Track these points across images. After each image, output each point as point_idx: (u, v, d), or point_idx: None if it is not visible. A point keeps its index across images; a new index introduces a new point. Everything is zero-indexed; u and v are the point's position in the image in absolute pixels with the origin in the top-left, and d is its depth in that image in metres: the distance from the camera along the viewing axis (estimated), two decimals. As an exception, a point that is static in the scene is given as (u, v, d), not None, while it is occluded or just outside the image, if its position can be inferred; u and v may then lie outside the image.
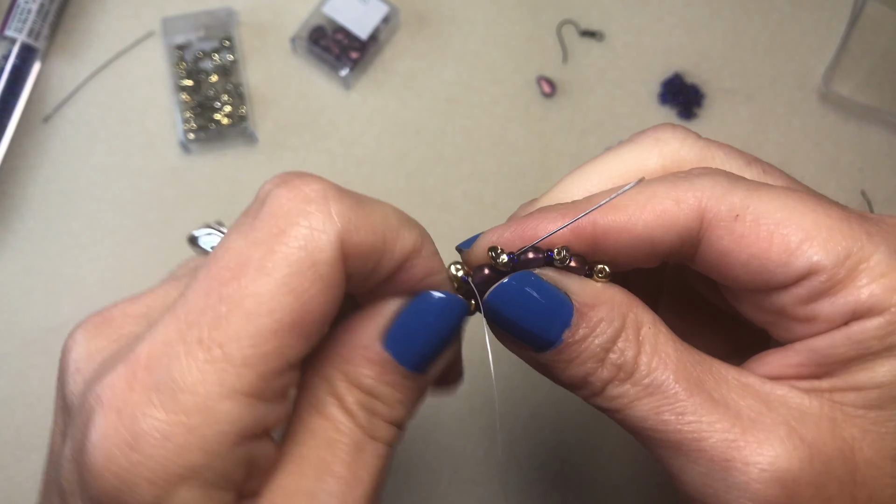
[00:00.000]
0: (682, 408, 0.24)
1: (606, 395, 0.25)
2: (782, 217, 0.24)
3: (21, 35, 0.49)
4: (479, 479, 0.47)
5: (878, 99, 0.54)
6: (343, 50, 0.52)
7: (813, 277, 0.24)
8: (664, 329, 0.25)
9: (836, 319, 0.24)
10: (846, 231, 0.24)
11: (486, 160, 0.52)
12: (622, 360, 0.25)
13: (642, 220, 0.25)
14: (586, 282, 0.26)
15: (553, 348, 0.25)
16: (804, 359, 0.25)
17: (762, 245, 0.24)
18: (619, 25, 0.55)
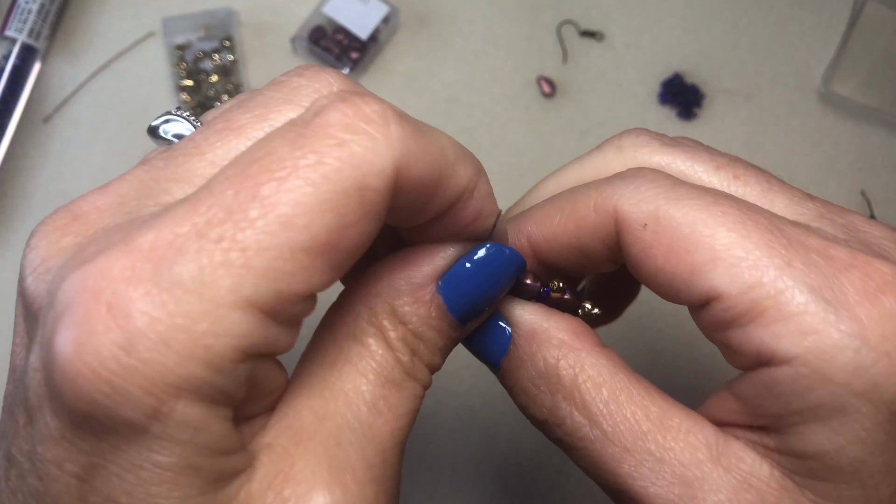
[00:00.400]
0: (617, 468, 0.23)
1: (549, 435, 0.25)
2: (691, 232, 0.22)
3: (21, 35, 0.49)
4: (479, 479, 0.47)
5: (877, 99, 0.54)
6: (343, 50, 0.52)
7: (715, 304, 0.22)
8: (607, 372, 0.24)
9: (748, 354, 0.22)
10: (760, 257, 0.21)
11: (486, 160, 0.52)
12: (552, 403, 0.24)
13: (565, 230, 0.25)
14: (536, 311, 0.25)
15: (498, 371, 0.26)
16: (739, 406, 0.23)
17: (667, 259, 0.22)
18: (618, 26, 0.55)
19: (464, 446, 0.48)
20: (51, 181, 0.50)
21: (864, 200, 0.53)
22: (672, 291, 0.23)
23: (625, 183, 0.24)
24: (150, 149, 0.54)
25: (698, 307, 0.23)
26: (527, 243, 0.26)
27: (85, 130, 0.51)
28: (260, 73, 0.52)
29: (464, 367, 0.49)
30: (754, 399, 0.22)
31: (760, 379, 0.22)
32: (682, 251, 0.22)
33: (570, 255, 0.25)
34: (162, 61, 0.52)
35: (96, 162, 0.50)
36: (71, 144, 0.51)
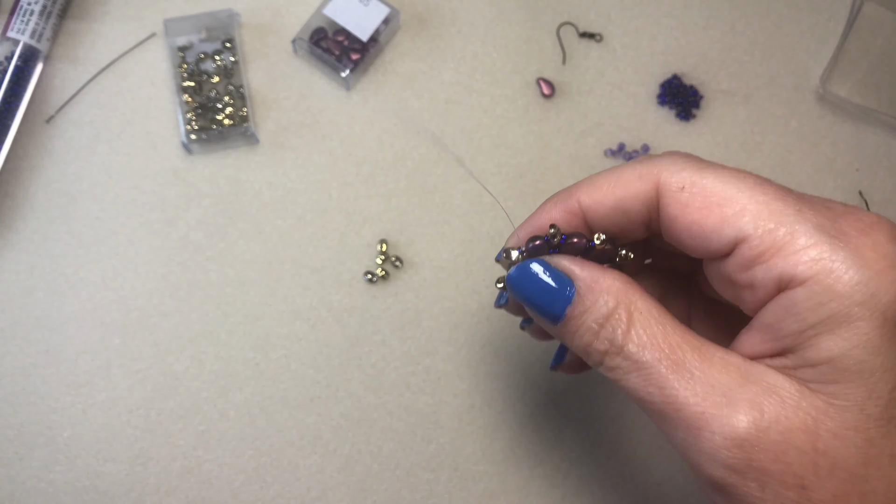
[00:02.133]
0: (664, 382, 0.27)
1: (606, 366, 0.29)
2: (721, 191, 0.28)
3: (24, 36, 0.50)
4: (478, 478, 0.48)
5: (875, 100, 0.54)
6: (344, 51, 0.52)
7: (742, 245, 0.27)
8: (657, 313, 0.29)
9: (769, 286, 0.27)
10: (777, 207, 0.27)
11: (486, 160, 0.52)
12: (612, 335, 0.28)
13: (613, 194, 0.31)
14: (589, 267, 0.30)
15: (560, 322, 0.30)
16: (764, 336, 0.28)
17: (701, 213, 0.28)
18: (617, 27, 0.55)
19: (463, 445, 0.48)
20: (52, 182, 0.50)
21: (861, 201, 0.53)
22: (703, 241, 0.28)
23: (663, 158, 0.30)
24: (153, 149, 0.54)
25: (725, 255, 0.28)
26: (578, 206, 0.31)
27: (87, 131, 0.51)
28: (261, 74, 0.53)
29: (463, 366, 0.49)
30: (776, 323, 0.27)
31: (780, 303, 0.27)
32: (714, 206, 0.28)
33: (615, 216, 0.31)
34: (163, 62, 0.52)
35: (98, 163, 0.51)
36: (73, 145, 0.51)
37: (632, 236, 0.32)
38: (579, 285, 0.30)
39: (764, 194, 0.27)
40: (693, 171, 0.29)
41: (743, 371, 0.27)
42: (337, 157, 0.52)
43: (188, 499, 0.47)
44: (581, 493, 0.48)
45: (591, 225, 0.32)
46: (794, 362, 0.27)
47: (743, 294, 0.29)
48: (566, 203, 0.32)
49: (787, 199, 0.27)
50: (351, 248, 0.50)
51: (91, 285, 0.49)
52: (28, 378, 0.47)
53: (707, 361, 0.27)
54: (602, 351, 0.29)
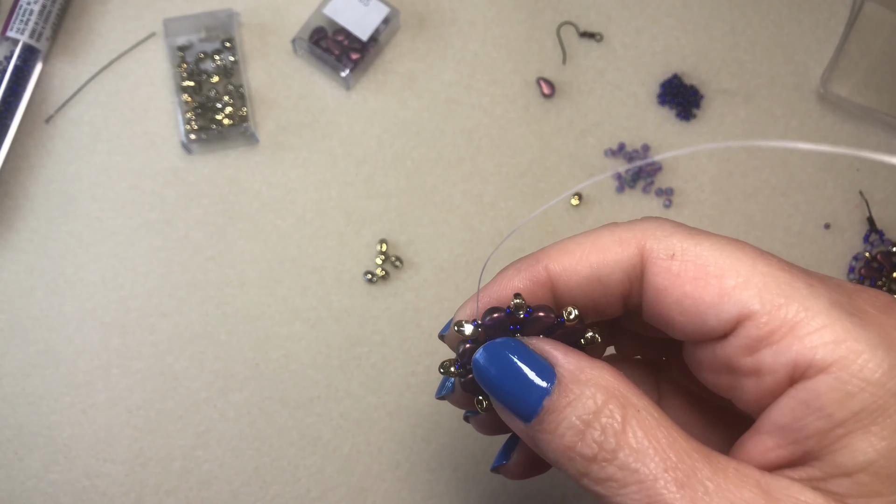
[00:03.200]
0: (674, 499, 0.22)
1: (592, 477, 0.24)
2: (717, 260, 0.24)
3: (23, 36, 0.49)
4: (479, 478, 0.48)
5: (875, 100, 0.54)
6: (344, 51, 0.52)
7: (747, 323, 0.23)
8: (656, 412, 0.24)
9: (780, 371, 0.23)
10: (784, 279, 0.23)
11: (486, 160, 0.52)
12: (603, 437, 0.23)
13: (588, 261, 0.26)
14: (573, 353, 0.25)
15: (535, 416, 0.25)
16: (778, 439, 0.23)
17: (696, 285, 0.24)
18: (618, 27, 0.55)
19: (464, 446, 0.48)
20: (52, 181, 0.50)
21: (862, 201, 0.53)
22: (697, 318, 0.24)
23: (646, 222, 0.26)
24: (152, 149, 0.54)
25: (723, 334, 0.24)
26: (545, 274, 0.27)
27: (86, 131, 0.51)
28: (261, 73, 0.53)
29: (464, 366, 0.49)
30: (793, 423, 0.22)
31: (798, 396, 0.22)
32: (711, 277, 0.24)
33: (589, 286, 0.26)
34: (163, 62, 0.52)
35: (98, 162, 0.51)
36: (72, 145, 0.51)
37: (606, 313, 0.28)
38: (562, 373, 0.24)
39: (768, 265, 0.23)
40: (683, 236, 0.25)
41: (763, 486, 0.22)
42: (337, 157, 0.52)
43: (188, 499, 0.47)
44: (581, 494, 0.48)
45: (559, 298, 0.27)
46: (823, 472, 0.22)
47: (744, 384, 0.24)
48: (531, 270, 0.27)
49: (794, 272, 0.23)
50: (351, 248, 0.50)
51: (91, 285, 0.49)
52: (28, 378, 0.47)
53: (721, 474, 0.22)
54: (589, 457, 0.23)
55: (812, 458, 0.22)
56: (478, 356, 0.26)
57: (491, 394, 0.26)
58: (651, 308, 0.26)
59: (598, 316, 0.28)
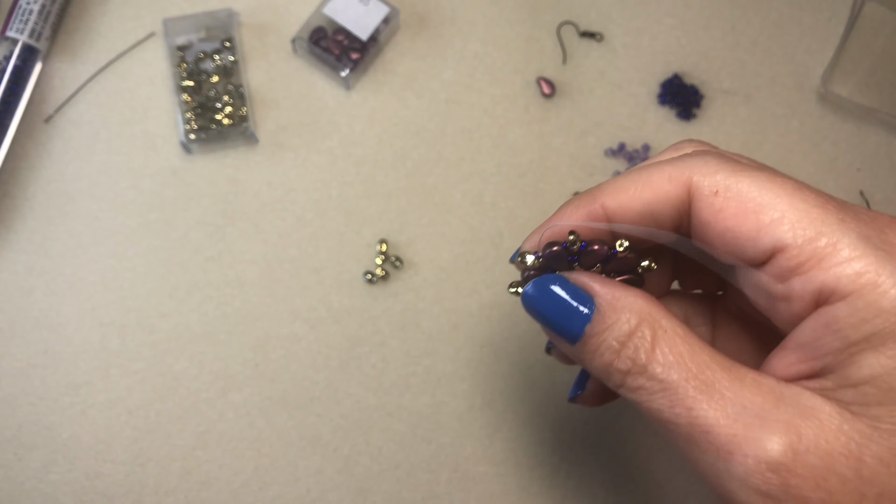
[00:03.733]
0: (693, 403, 0.26)
1: (628, 387, 0.28)
2: (757, 196, 0.26)
3: (22, 36, 0.49)
4: (478, 479, 0.48)
5: (876, 99, 0.54)
6: (343, 51, 0.52)
7: (780, 256, 0.26)
8: (682, 331, 0.27)
9: (806, 299, 0.25)
10: (817, 215, 0.25)
11: (486, 160, 0.52)
12: (635, 354, 0.27)
13: (641, 198, 0.29)
14: (610, 284, 0.29)
15: (579, 340, 0.29)
16: (799, 355, 0.26)
17: (736, 220, 0.26)
18: (618, 26, 0.55)
19: (463, 446, 0.48)
20: (51, 181, 0.50)
21: (862, 200, 0.53)
22: (738, 249, 0.27)
23: (695, 158, 0.28)
24: (152, 149, 0.54)
25: (760, 263, 0.27)
26: (601, 211, 0.30)
27: (86, 131, 0.51)
28: (260, 73, 0.52)
29: (463, 366, 0.49)
30: (813, 341, 0.26)
31: (820, 319, 0.25)
32: (750, 212, 0.26)
33: (643, 221, 0.30)
34: (163, 62, 0.52)
35: (97, 162, 0.50)
36: (72, 145, 0.51)
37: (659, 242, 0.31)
38: (599, 302, 0.28)
39: (804, 201, 0.26)
40: (727, 173, 0.27)
41: (777, 393, 0.25)
42: (337, 156, 0.52)
43: (187, 499, 0.47)
44: (581, 494, 0.48)
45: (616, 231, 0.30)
46: (834, 383, 0.25)
47: (778, 306, 0.27)
48: (589, 207, 0.30)
49: (829, 207, 0.26)
50: (351, 248, 0.50)
51: (90, 285, 0.49)
52: (27, 378, 0.47)
53: (738, 382, 0.26)
54: (624, 371, 0.27)
55: (827, 371, 0.25)
56: (527, 290, 0.30)
57: (541, 322, 0.30)
58: (698, 238, 0.29)
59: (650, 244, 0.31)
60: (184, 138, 0.51)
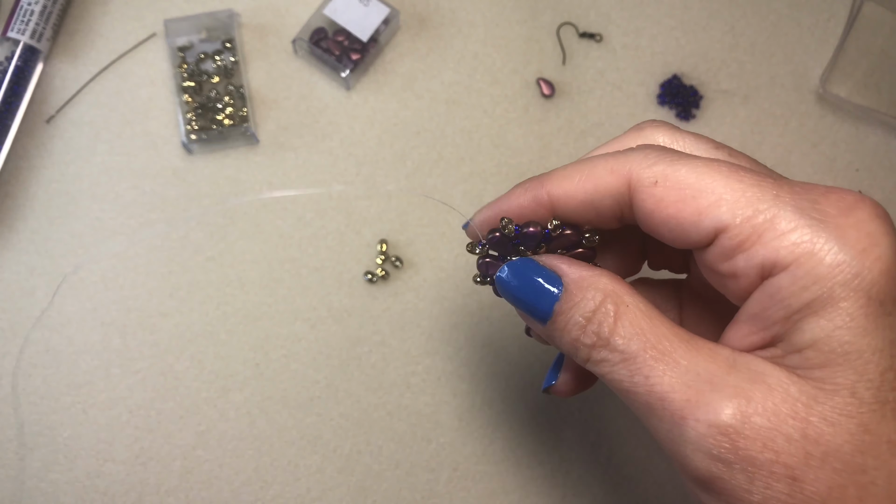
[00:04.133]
0: (650, 371, 0.27)
1: (593, 360, 0.29)
2: (695, 183, 0.27)
3: (24, 36, 0.50)
4: (478, 478, 0.48)
5: (875, 100, 0.54)
6: (344, 51, 0.52)
7: (722, 236, 0.27)
8: (643, 307, 0.29)
9: (751, 274, 0.27)
10: (753, 194, 0.26)
11: (486, 160, 0.52)
12: (599, 329, 0.28)
13: (583, 188, 0.30)
14: (577, 265, 0.30)
15: (549, 318, 0.30)
16: (750, 326, 0.27)
17: (676, 207, 0.28)
18: (617, 27, 0.55)
19: (463, 445, 0.48)
20: (53, 182, 0.50)
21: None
22: (681, 234, 0.28)
23: (635, 152, 0.30)
24: (153, 149, 0.54)
25: (705, 246, 0.28)
26: (547, 197, 0.31)
27: (87, 131, 0.51)
28: (261, 74, 0.53)
29: (463, 366, 0.49)
30: (761, 312, 0.27)
31: (765, 291, 0.26)
32: (690, 199, 0.27)
33: (585, 210, 0.31)
34: (164, 62, 0.52)
35: (98, 163, 0.51)
36: (73, 145, 0.51)
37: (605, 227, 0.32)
38: (566, 282, 0.30)
39: (739, 181, 0.27)
40: (666, 164, 0.28)
41: (731, 360, 0.27)
42: (337, 157, 0.52)
43: (188, 499, 0.47)
44: (581, 494, 0.48)
45: (560, 217, 0.32)
46: (782, 350, 0.26)
47: (728, 283, 0.28)
48: (535, 193, 0.32)
49: (764, 185, 0.27)
50: (351, 248, 0.50)
51: (91, 285, 0.49)
52: (28, 378, 0.47)
53: (694, 351, 0.27)
54: (589, 345, 0.29)
55: (777, 340, 0.27)
56: (501, 273, 0.32)
57: (514, 303, 0.32)
58: (643, 226, 0.30)
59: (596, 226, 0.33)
60: (184, 138, 0.51)
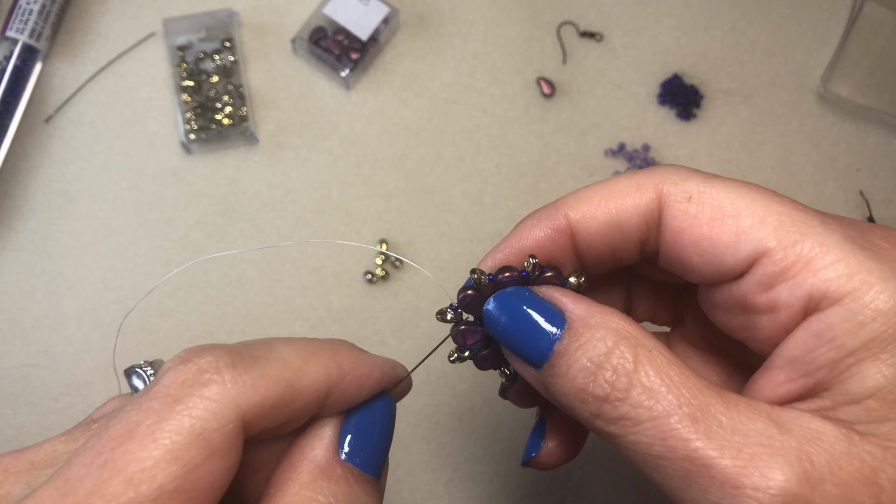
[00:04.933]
0: (688, 433, 0.22)
1: (605, 418, 0.24)
2: (733, 201, 0.24)
3: (23, 36, 0.49)
4: (478, 479, 0.48)
5: (875, 99, 0.54)
6: (343, 51, 0.52)
7: (763, 261, 0.24)
8: (667, 353, 0.24)
9: (795, 305, 0.23)
10: (799, 217, 0.24)
11: (486, 160, 0.52)
12: (614, 378, 0.23)
13: (606, 208, 0.27)
14: (582, 299, 0.26)
15: (546, 361, 0.25)
16: (789, 372, 0.24)
17: (712, 225, 0.24)
18: (618, 26, 0.55)
19: (464, 446, 0.48)
20: (51, 181, 0.50)
21: (862, 200, 0.53)
22: (715, 258, 0.24)
23: (665, 168, 0.26)
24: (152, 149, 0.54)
25: (739, 273, 0.24)
26: (565, 222, 0.27)
27: (86, 131, 0.51)
28: (261, 73, 0.52)
29: (463, 367, 0.49)
30: (804, 354, 0.23)
31: (810, 329, 0.23)
32: (728, 217, 0.24)
33: (608, 233, 0.27)
34: (163, 62, 0.52)
35: (97, 162, 0.50)
36: (72, 145, 0.51)
37: (624, 259, 0.28)
38: (570, 317, 0.25)
39: (781, 204, 0.24)
40: (700, 180, 0.25)
41: (774, 417, 0.22)
42: (336, 156, 0.52)
43: (188, 499, 0.47)
44: (581, 494, 0.48)
45: (579, 244, 0.28)
46: (832, 401, 0.23)
47: (759, 322, 0.24)
48: (551, 220, 0.27)
49: (808, 211, 0.24)
50: (351, 248, 0.50)
51: (90, 285, 0.49)
52: (27, 378, 0.47)
53: (732, 406, 0.23)
54: (601, 397, 0.23)
55: (822, 388, 0.23)
56: (489, 306, 0.27)
57: (502, 342, 0.27)
58: (669, 251, 0.26)
59: (616, 263, 0.28)
60: (184, 138, 0.51)
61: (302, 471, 0.24)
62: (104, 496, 0.20)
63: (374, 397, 0.27)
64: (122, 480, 0.20)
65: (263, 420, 0.23)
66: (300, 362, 0.24)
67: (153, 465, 0.21)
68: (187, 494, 0.21)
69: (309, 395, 0.24)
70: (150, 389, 0.23)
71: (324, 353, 0.25)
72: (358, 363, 0.26)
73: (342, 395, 0.25)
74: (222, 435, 0.22)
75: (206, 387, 0.22)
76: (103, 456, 0.21)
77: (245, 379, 0.23)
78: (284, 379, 0.24)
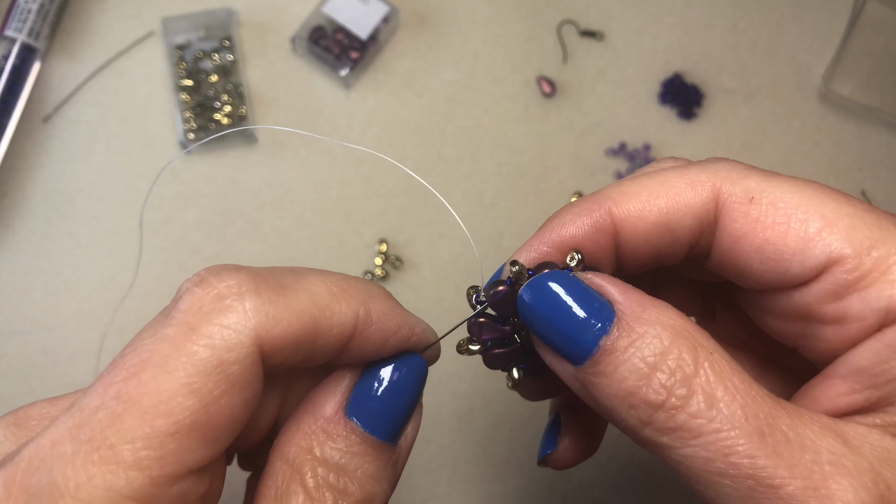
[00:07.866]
0: (755, 449, 0.20)
1: (658, 426, 0.21)
2: (800, 202, 0.22)
3: (21, 35, 0.49)
4: (479, 480, 0.47)
5: (877, 99, 0.54)
6: (343, 50, 0.52)
7: (835, 269, 0.21)
8: (728, 356, 0.21)
9: (868, 318, 0.21)
10: (871, 220, 0.21)
11: (486, 160, 0.52)
12: (672, 382, 0.20)
13: (657, 206, 0.24)
14: (633, 289, 0.23)
15: (589, 357, 0.22)
16: (854, 384, 0.22)
17: (777, 230, 0.22)
18: (619, 25, 0.55)
19: (464, 446, 0.48)
20: (50, 181, 0.50)
21: (864, 200, 0.53)
22: (780, 265, 0.22)
23: (720, 162, 0.24)
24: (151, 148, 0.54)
25: (806, 281, 0.22)
26: (609, 221, 0.24)
27: (84, 130, 0.51)
28: (260, 72, 0.52)
29: (463, 367, 0.49)
30: (874, 366, 0.21)
31: (885, 340, 0.21)
32: (795, 220, 0.22)
33: (657, 234, 0.24)
34: (161, 61, 0.52)
35: (96, 161, 0.50)
36: (70, 144, 0.50)
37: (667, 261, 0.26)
38: (622, 310, 0.22)
39: (851, 206, 0.22)
40: (760, 178, 0.23)
41: (840, 433, 0.21)
42: (336, 156, 0.51)
43: (187, 500, 0.46)
44: (582, 496, 0.48)
45: (622, 246, 0.25)
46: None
47: (822, 332, 0.23)
48: (593, 215, 0.24)
49: (879, 213, 0.22)
50: (351, 248, 0.50)
51: (88, 286, 0.49)
52: (25, 379, 0.47)
53: (796, 419, 0.21)
54: (655, 404, 0.21)
55: (886, 403, 0.21)
56: (523, 293, 0.23)
57: (537, 333, 0.23)
58: (725, 256, 0.24)
59: (658, 264, 0.26)
60: (182, 138, 0.50)
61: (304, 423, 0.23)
62: (119, 431, 0.19)
63: (400, 355, 0.25)
64: (137, 414, 0.20)
65: (282, 354, 0.22)
66: (329, 299, 0.23)
67: (169, 398, 0.20)
68: (205, 428, 0.20)
69: (333, 336, 0.23)
70: (166, 314, 0.22)
71: (357, 294, 0.23)
72: (389, 314, 0.24)
73: (363, 344, 0.24)
74: (241, 367, 0.21)
75: (224, 314, 0.21)
76: (116, 387, 0.20)
77: (268, 309, 0.21)
78: (310, 314, 0.22)
